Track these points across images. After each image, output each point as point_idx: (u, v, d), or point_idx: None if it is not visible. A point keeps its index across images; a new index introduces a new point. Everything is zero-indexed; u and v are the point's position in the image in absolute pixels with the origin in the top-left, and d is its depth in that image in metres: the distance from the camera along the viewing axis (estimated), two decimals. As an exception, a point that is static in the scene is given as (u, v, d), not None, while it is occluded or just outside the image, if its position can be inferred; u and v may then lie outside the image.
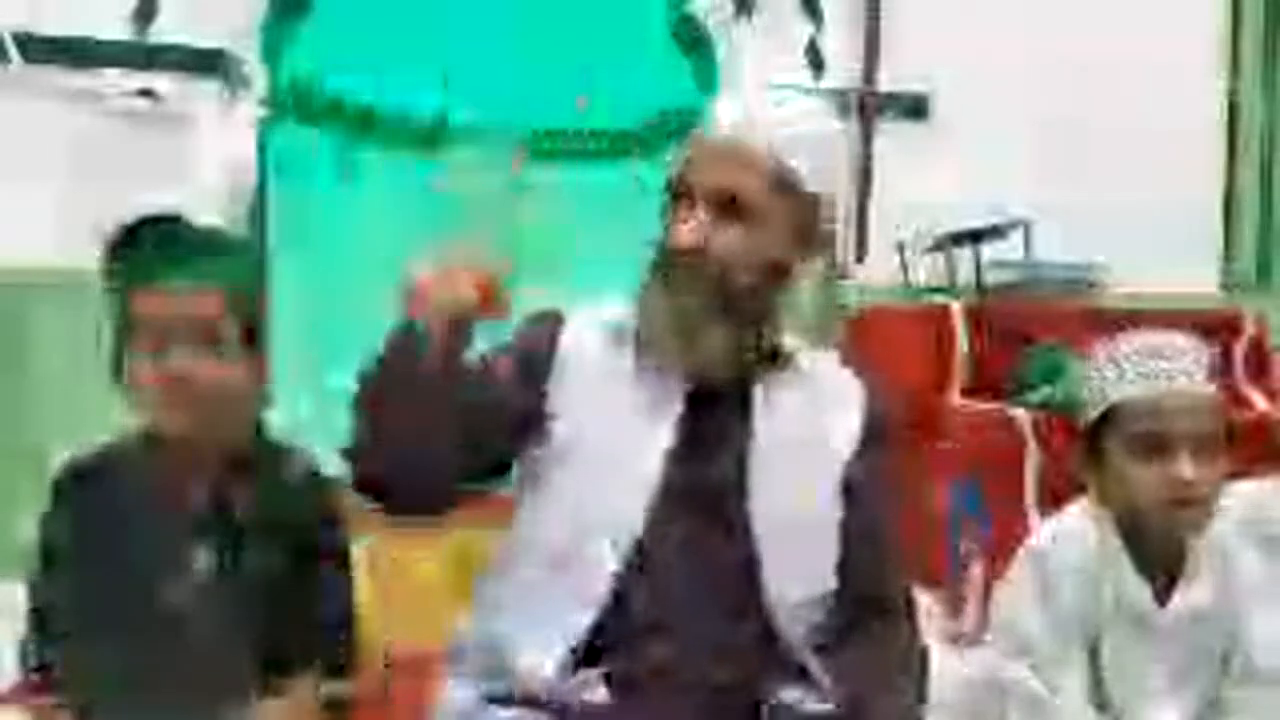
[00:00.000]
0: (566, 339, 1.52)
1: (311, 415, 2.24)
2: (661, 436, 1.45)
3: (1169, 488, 1.62)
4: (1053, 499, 2.36)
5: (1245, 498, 1.95)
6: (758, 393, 1.49)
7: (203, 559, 1.43)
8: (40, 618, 1.45)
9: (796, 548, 1.46)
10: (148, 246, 1.43)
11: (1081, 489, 1.75)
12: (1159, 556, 1.70)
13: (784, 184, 1.45)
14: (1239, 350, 3.67)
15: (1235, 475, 1.72)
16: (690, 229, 1.43)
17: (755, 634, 1.44)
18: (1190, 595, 1.70)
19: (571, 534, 1.43)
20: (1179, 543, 1.69)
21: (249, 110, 3.13)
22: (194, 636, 1.41)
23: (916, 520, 1.67)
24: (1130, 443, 1.65)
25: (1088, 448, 1.72)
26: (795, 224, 1.46)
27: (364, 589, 1.54)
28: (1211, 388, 1.68)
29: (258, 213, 3.04)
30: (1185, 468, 1.61)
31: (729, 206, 1.43)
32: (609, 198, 2.93)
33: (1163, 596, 1.69)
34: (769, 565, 1.44)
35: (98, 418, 1.50)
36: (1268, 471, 2.13)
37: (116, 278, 1.44)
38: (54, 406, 3.30)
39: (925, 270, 4.06)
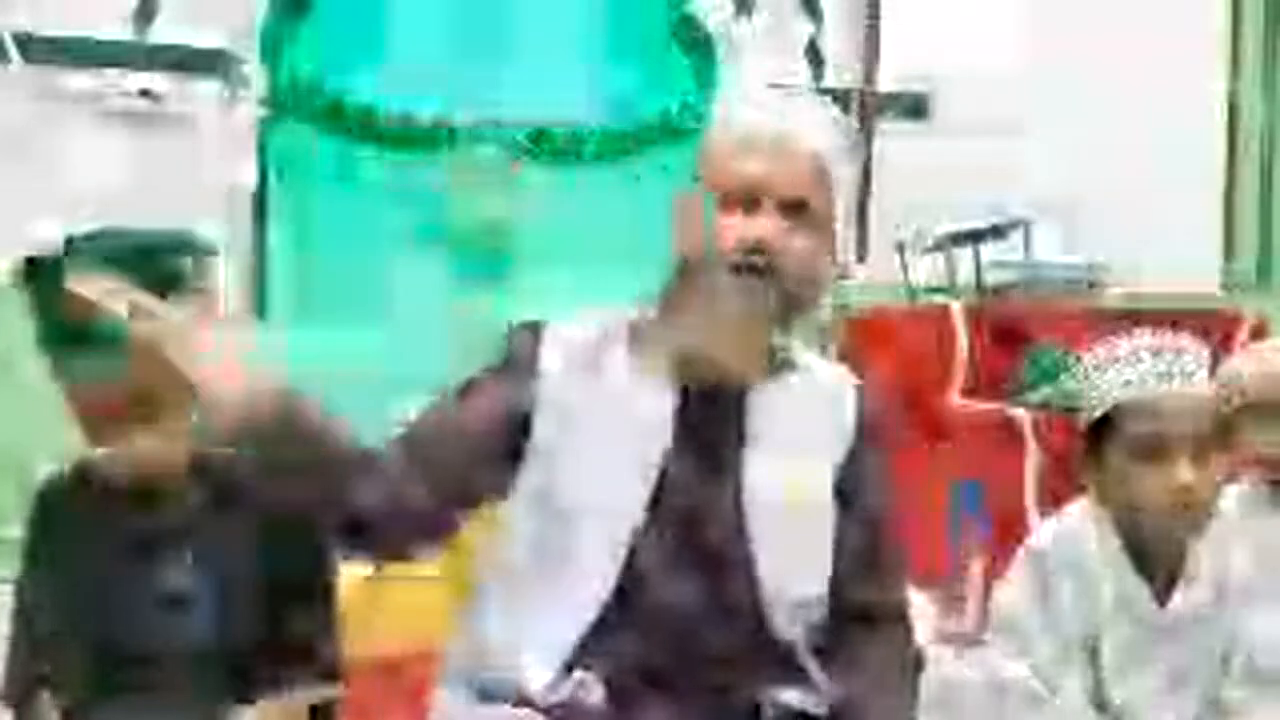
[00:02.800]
0: (549, 346, 1.49)
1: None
2: (657, 439, 1.45)
3: (1168, 492, 1.62)
4: (1053, 499, 2.37)
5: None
6: (754, 393, 1.49)
7: (191, 565, 1.43)
8: (27, 619, 1.45)
9: (793, 545, 1.45)
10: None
11: (1081, 489, 1.75)
12: (1159, 557, 1.69)
13: (832, 187, 1.44)
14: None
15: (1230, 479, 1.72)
16: (751, 225, 1.38)
17: (752, 635, 1.44)
18: (1190, 595, 1.69)
19: (567, 538, 1.43)
20: (1179, 543, 1.69)
21: (249, 110, 3.13)
22: (182, 641, 1.41)
23: (916, 520, 1.67)
24: (1130, 444, 1.65)
25: (1088, 448, 1.72)
26: (835, 226, 1.47)
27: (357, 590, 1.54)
28: (1211, 389, 1.68)
29: (258, 213, 3.04)
30: (1184, 472, 1.61)
31: (801, 214, 1.40)
32: (609, 198, 2.93)
33: (1163, 596, 1.69)
34: (765, 563, 1.43)
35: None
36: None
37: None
38: (46, 409, 3.29)
39: (925, 270, 4.06)
